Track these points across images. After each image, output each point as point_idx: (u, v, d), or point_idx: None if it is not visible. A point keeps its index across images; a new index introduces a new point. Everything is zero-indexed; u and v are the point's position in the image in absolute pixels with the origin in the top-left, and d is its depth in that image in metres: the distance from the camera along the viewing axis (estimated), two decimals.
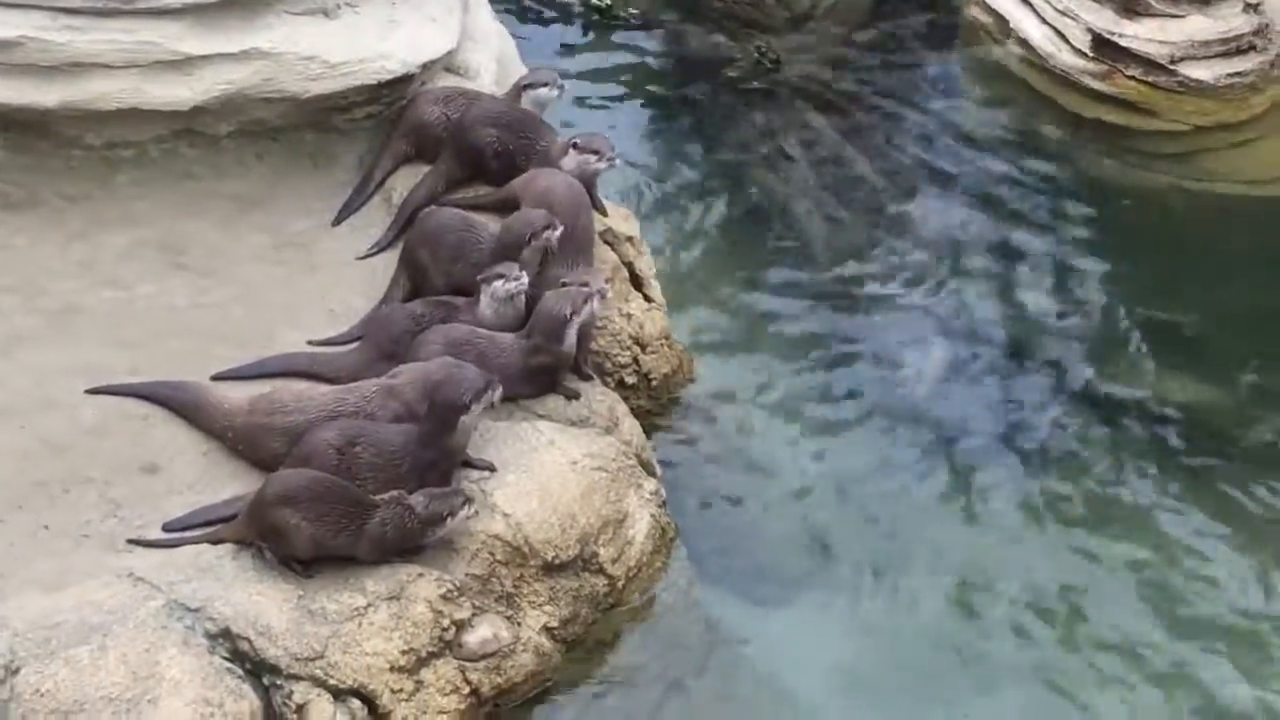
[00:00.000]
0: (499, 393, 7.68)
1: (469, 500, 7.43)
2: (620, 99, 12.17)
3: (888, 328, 10.30)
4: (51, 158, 9.00)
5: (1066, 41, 12.42)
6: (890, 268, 10.80)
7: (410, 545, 7.38)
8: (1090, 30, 12.30)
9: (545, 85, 9.35)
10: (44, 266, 8.60)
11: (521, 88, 9.35)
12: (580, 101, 11.87)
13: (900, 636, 8.46)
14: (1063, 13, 12.42)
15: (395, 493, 7.37)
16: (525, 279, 8.23)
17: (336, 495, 7.25)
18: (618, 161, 9.12)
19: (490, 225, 8.60)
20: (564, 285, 8.24)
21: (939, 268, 10.83)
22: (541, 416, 8.15)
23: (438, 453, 7.57)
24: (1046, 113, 12.36)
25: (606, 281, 8.41)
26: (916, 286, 10.66)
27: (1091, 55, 12.32)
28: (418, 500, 7.36)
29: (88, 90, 8.74)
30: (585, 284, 8.23)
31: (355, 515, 7.26)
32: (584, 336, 8.30)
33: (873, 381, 9.91)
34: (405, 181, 9.17)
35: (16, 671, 6.77)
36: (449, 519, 7.38)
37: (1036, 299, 10.64)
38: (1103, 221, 11.39)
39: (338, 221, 9.08)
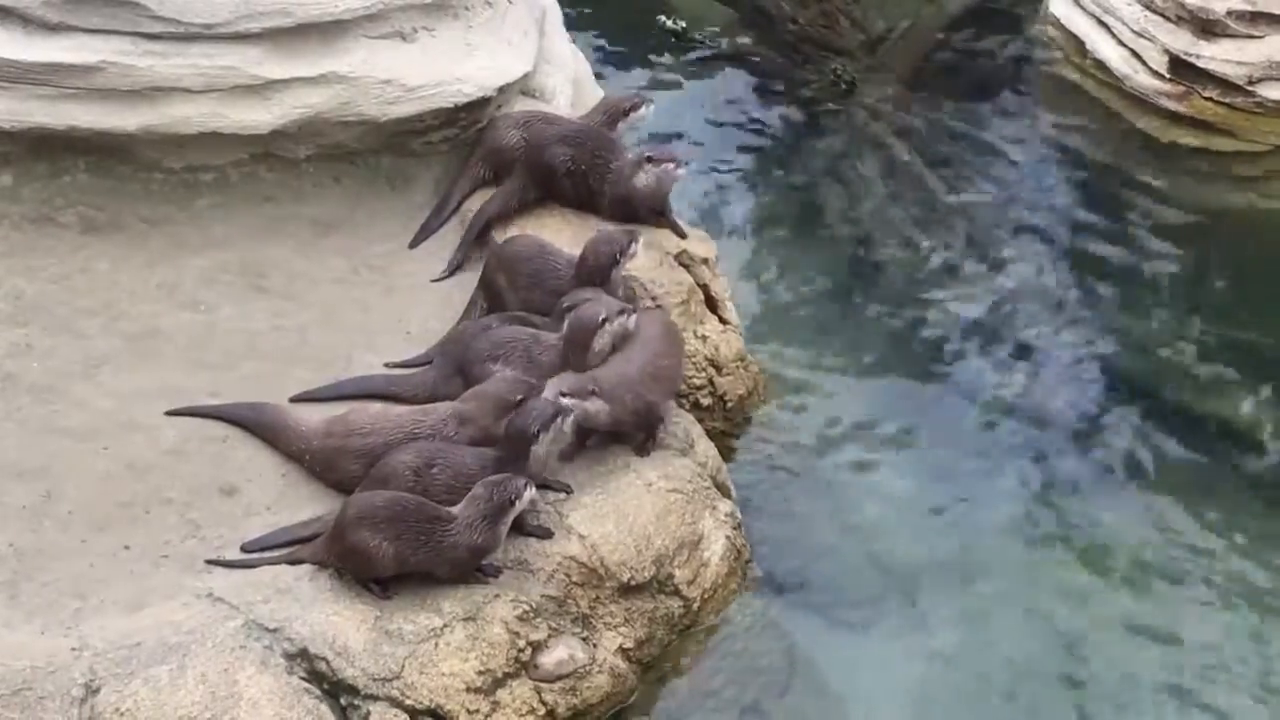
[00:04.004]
0: (570, 420, 7.70)
1: (529, 482, 7.41)
2: (695, 122, 12.18)
3: (964, 349, 10.27)
4: (132, 181, 9.09)
5: (1143, 62, 12.37)
6: (967, 290, 10.76)
7: (487, 545, 7.39)
8: (1167, 51, 12.25)
9: (641, 107, 9.39)
10: (125, 289, 8.69)
11: (624, 112, 9.35)
12: (656, 124, 11.87)
13: (978, 662, 8.40)
14: (1139, 34, 12.37)
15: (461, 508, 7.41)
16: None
17: (415, 514, 7.29)
18: (691, 165, 9.27)
19: (566, 253, 8.63)
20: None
21: (1016, 290, 10.79)
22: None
23: None
24: (1123, 134, 12.31)
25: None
26: (992, 307, 10.62)
27: (1169, 76, 12.27)
28: (479, 493, 7.38)
29: (168, 114, 8.83)
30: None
31: (434, 531, 7.29)
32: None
33: (950, 404, 9.87)
34: (480, 204, 9.20)
35: (97, 691, 6.83)
36: (515, 502, 7.37)
37: (1114, 321, 10.58)
38: (1180, 243, 11.32)
39: (415, 244, 9.14)
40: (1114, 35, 12.57)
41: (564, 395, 7.72)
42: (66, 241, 8.87)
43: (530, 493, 7.41)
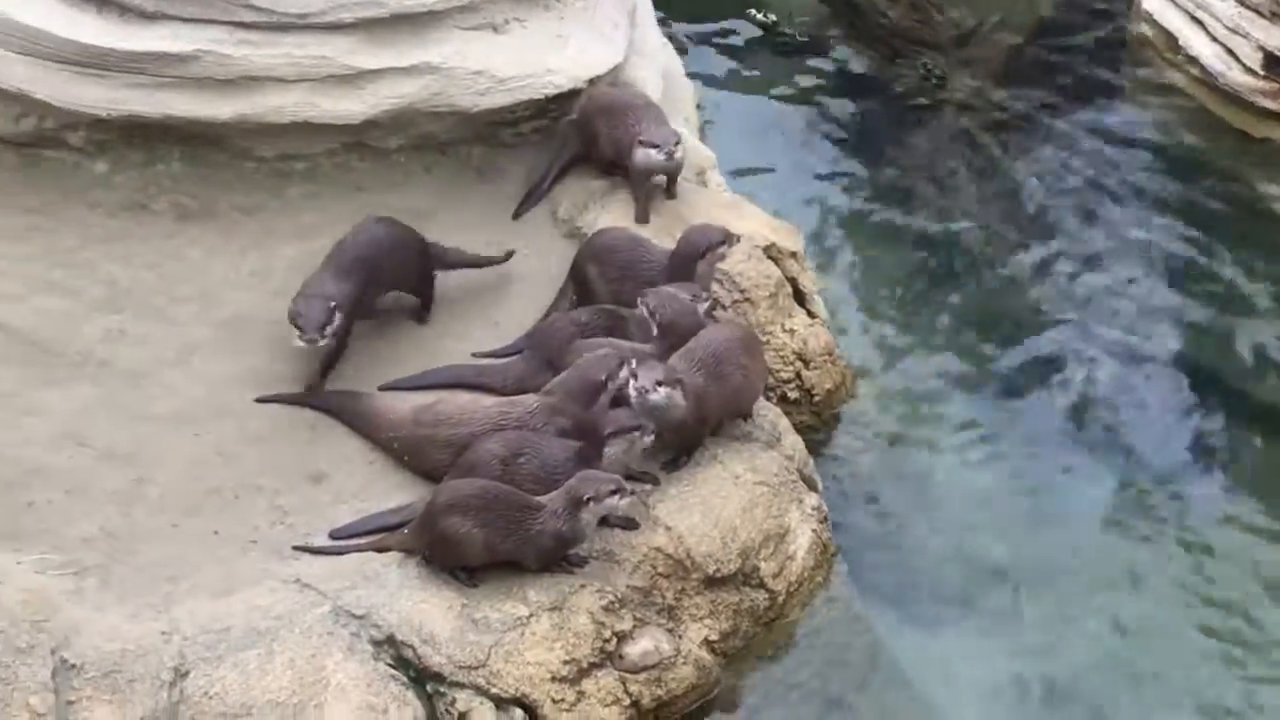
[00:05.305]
0: (649, 439, 7.70)
1: (620, 490, 7.41)
2: (785, 115, 12.15)
3: (1053, 345, 10.21)
4: (225, 170, 9.15)
5: (1237, 59, 12.26)
6: (1055, 285, 10.71)
7: (572, 534, 7.41)
8: (1262, 48, 12.14)
9: (655, 148, 9.10)
10: (217, 277, 8.75)
11: (637, 141, 9.14)
12: (745, 118, 11.89)
13: (1063, 659, 8.38)
14: (1233, 30, 12.26)
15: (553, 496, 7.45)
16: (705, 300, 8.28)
17: (505, 502, 7.33)
18: (677, 155, 9.09)
19: (659, 246, 8.64)
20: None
21: (1104, 285, 10.73)
22: None
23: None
24: (1215, 131, 12.21)
25: None
26: (1081, 304, 10.57)
27: (1263, 73, 12.16)
28: (570, 484, 7.40)
29: (261, 104, 8.89)
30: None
31: (523, 520, 7.32)
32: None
33: (1037, 399, 9.82)
34: (570, 196, 9.26)
35: (186, 674, 6.90)
36: (591, 502, 7.36)
37: (1202, 318, 10.51)
38: (1271, 242, 11.24)
39: (518, 214, 9.25)
40: (1207, 31, 12.46)
41: (660, 384, 7.71)
42: (160, 229, 8.94)
43: (615, 500, 7.40)
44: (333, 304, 8.03)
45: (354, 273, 8.28)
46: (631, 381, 7.74)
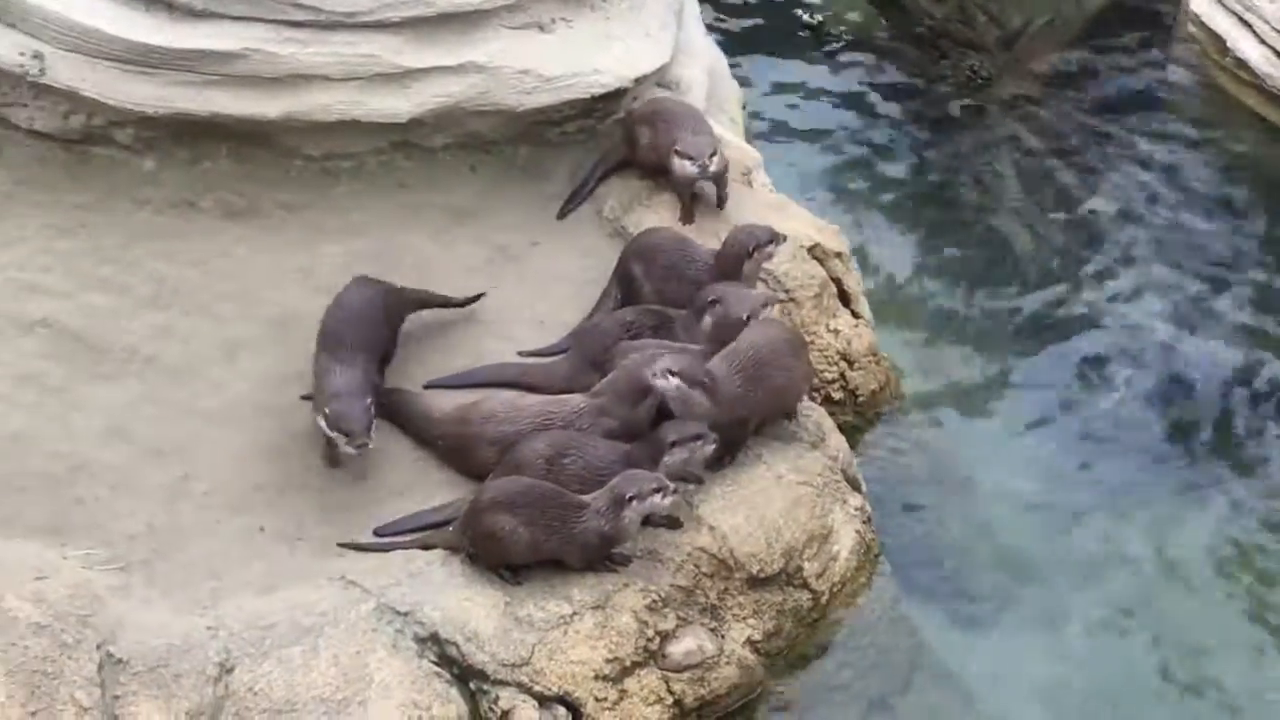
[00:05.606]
0: (710, 448, 7.70)
1: (663, 489, 7.41)
2: (831, 116, 12.15)
3: (1096, 346, 10.21)
4: (272, 168, 9.16)
5: None
6: (1100, 286, 10.70)
7: (616, 533, 7.42)
8: None
9: (690, 159, 9.04)
10: (263, 274, 8.76)
11: (673, 151, 9.08)
12: (791, 119, 11.89)
13: (1106, 664, 8.37)
14: None
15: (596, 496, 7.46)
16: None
17: (550, 500, 7.35)
18: (712, 167, 9.01)
19: (705, 247, 8.64)
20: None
21: (1148, 287, 10.72)
22: None
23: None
24: (1263, 133, 12.17)
25: None
26: (1126, 306, 10.55)
27: None
28: (613, 482, 7.42)
29: (308, 102, 8.89)
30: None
31: (567, 518, 7.34)
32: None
33: (1081, 400, 9.82)
34: (615, 195, 9.26)
35: (231, 670, 6.93)
36: (634, 501, 7.37)
37: (1251, 321, 10.49)
38: None
39: (563, 214, 9.25)
40: (1255, 33, 12.42)
41: (671, 374, 7.69)
42: (207, 226, 8.95)
43: (659, 499, 7.40)
44: (368, 400, 7.82)
45: (360, 353, 8.05)
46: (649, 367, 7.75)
